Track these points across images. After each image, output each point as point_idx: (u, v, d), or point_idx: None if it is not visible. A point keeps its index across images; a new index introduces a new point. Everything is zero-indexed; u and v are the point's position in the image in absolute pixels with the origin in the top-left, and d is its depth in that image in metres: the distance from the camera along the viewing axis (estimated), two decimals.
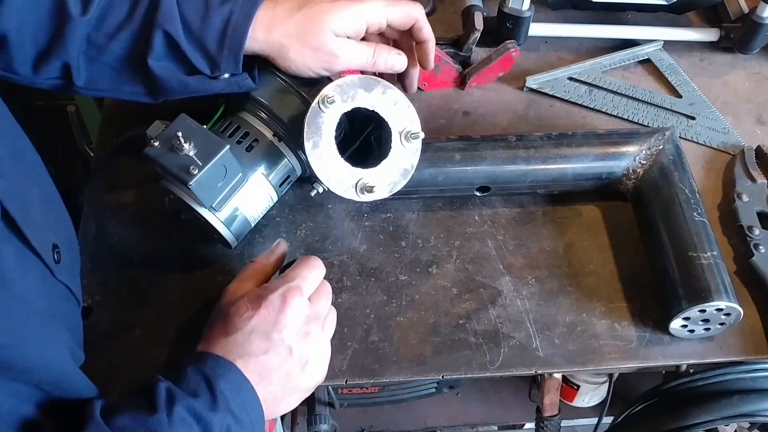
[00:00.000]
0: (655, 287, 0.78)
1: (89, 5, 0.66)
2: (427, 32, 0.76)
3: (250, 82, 0.71)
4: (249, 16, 0.68)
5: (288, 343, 0.62)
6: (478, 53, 0.96)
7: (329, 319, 0.68)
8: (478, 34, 0.93)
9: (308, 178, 0.79)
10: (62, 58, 0.67)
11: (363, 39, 0.75)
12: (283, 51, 0.70)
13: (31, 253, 0.58)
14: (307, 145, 0.70)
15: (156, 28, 0.66)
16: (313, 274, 0.67)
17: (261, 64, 0.72)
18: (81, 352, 0.64)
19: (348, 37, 0.72)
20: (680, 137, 0.92)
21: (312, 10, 0.69)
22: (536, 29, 0.99)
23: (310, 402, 1.11)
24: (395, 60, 0.75)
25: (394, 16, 0.73)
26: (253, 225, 0.76)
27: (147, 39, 0.67)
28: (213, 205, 0.70)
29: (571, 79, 0.98)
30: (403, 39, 0.79)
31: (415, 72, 0.82)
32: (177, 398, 0.56)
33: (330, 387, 1.12)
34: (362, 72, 0.75)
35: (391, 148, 0.73)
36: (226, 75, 0.70)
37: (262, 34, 0.69)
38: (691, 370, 0.78)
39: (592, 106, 0.96)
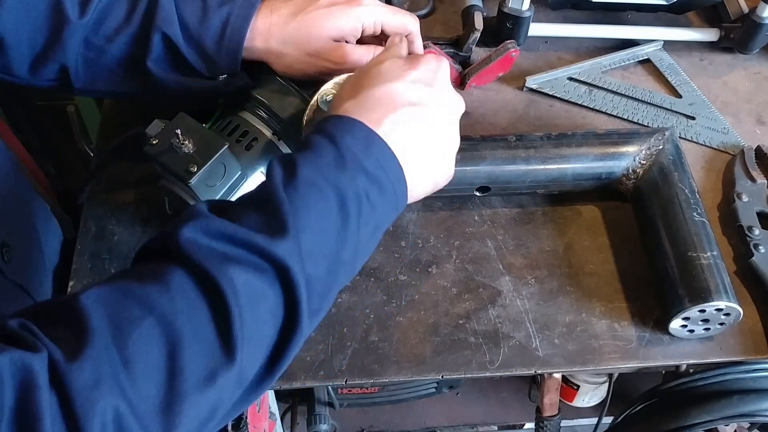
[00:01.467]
0: (655, 287, 0.78)
1: (87, 8, 0.66)
2: (417, 46, 0.76)
3: (248, 81, 0.72)
4: (247, 18, 0.68)
5: (445, 100, 0.61)
6: (478, 53, 0.96)
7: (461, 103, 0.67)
8: (478, 34, 0.93)
9: None
10: (60, 60, 0.67)
11: (359, 41, 0.75)
12: (281, 58, 0.70)
13: None
14: None
15: (154, 30, 0.66)
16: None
17: (260, 65, 0.73)
18: None
19: (346, 41, 0.72)
20: (680, 137, 0.92)
21: (308, 16, 0.69)
22: (536, 29, 0.99)
23: (310, 402, 1.11)
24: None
25: (389, 23, 0.73)
26: None
27: (145, 41, 0.67)
28: None
29: (571, 79, 0.98)
30: None
31: None
32: (297, 160, 0.51)
33: (330, 387, 1.12)
34: None
35: None
36: (224, 75, 0.70)
37: (260, 43, 0.69)
38: (691, 370, 0.78)
39: (592, 106, 0.96)
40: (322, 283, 0.50)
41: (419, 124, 0.58)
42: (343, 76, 0.70)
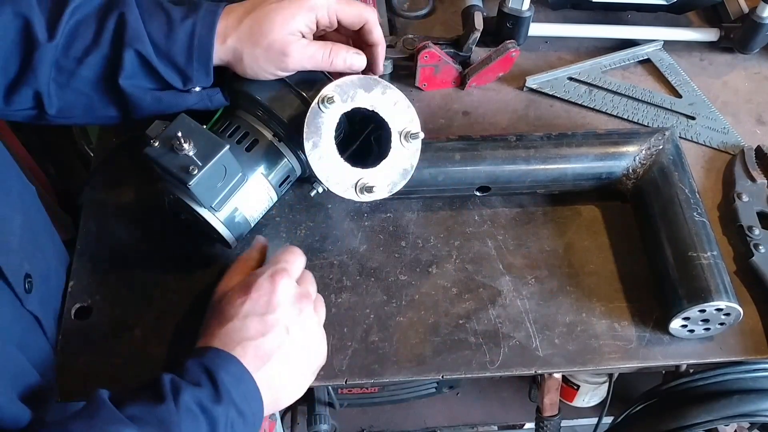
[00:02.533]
0: (655, 287, 0.79)
1: (56, 30, 0.66)
2: (377, 35, 0.75)
3: (221, 97, 0.73)
4: (211, 27, 0.69)
5: (284, 322, 0.63)
6: (478, 53, 0.96)
7: (318, 303, 0.70)
8: (478, 34, 0.93)
9: (308, 178, 0.79)
10: (33, 86, 0.67)
11: (321, 39, 0.74)
12: (237, 55, 0.70)
13: (1, 280, 0.60)
14: (307, 145, 0.70)
15: (126, 48, 0.67)
16: (295, 258, 0.69)
17: (232, 81, 0.73)
18: (46, 389, 0.64)
19: (302, 35, 0.71)
20: (680, 137, 0.92)
21: (260, 11, 0.70)
22: (536, 29, 0.99)
23: (310, 402, 1.11)
24: (354, 59, 0.74)
25: (344, 14, 0.72)
26: (252, 225, 0.76)
27: (117, 60, 0.68)
28: (213, 205, 0.70)
29: (571, 79, 0.98)
30: (357, 41, 0.77)
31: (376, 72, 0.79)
32: (181, 388, 0.57)
33: (330, 387, 1.12)
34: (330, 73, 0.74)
35: (390, 148, 0.73)
36: (198, 88, 0.71)
37: (218, 44, 0.69)
38: (691, 370, 0.78)
39: (592, 106, 0.96)
40: None
41: (273, 343, 0.63)
42: (344, 79, 0.70)
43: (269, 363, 0.62)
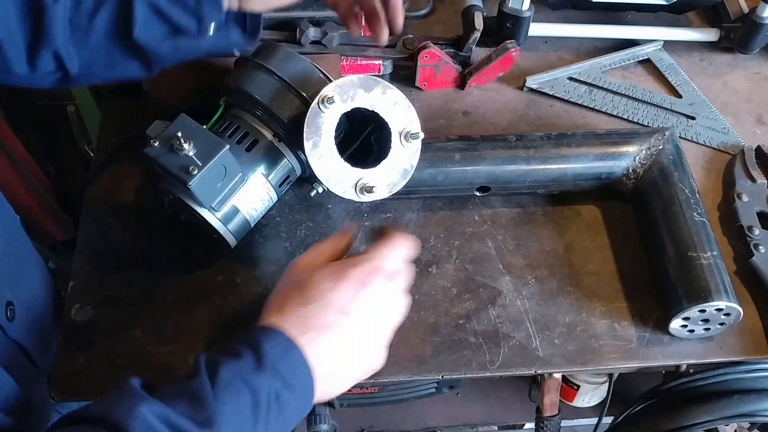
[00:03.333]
0: (655, 287, 0.79)
1: None
2: None
3: (239, 34, 0.71)
4: None
5: (360, 322, 0.61)
6: (478, 53, 0.96)
7: (401, 305, 0.66)
8: (478, 34, 0.93)
9: (308, 178, 0.79)
10: (51, 47, 0.67)
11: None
12: None
13: None
14: (307, 145, 0.70)
15: None
16: (394, 253, 0.64)
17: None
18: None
19: None
20: (680, 137, 0.92)
21: None
22: (536, 29, 0.99)
23: None
24: None
25: None
26: (252, 225, 0.76)
27: (128, 11, 0.67)
28: (212, 205, 0.70)
29: (571, 79, 0.98)
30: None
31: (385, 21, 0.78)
32: (219, 362, 0.54)
33: None
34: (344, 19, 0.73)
35: (390, 148, 0.73)
36: (213, 28, 0.69)
37: None
38: (691, 370, 0.78)
39: (592, 106, 0.96)
40: None
41: (341, 335, 0.60)
42: (344, 79, 0.70)
43: (330, 353, 0.59)
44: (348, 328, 0.60)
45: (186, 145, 0.65)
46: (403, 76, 0.96)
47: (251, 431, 0.54)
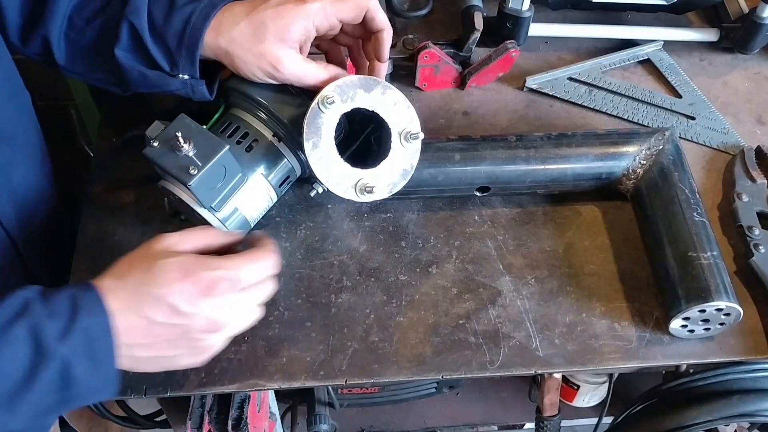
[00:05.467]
0: (655, 287, 0.79)
1: None
2: (380, 21, 0.72)
3: (205, 90, 0.72)
4: (207, 18, 0.69)
5: (193, 329, 0.59)
6: (478, 53, 0.96)
7: (244, 319, 0.64)
8: (478, 34, 0.93)
9: (308, 178, 0.79)
10: (42, 32, 0.70)
11: (319, 45, 0.76)
12: (228, 58, 0.70)
13: None
14: (307, 145, 0.70)
15: (124, 19, 0.68)
16: (252, 268, 0.62)
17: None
18: None
19: (300, 45, 0.70)
20: (680, 137, 0.92)
21: (258, 15, 0.68)
22: (536, 29, 0.99)
23: (310, 402, 1.11)
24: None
25: (342, 12, 0.70)
26: (252, 225, 0.76)
27: (116, 29, 0.69)
28: (212, 206, 0.70)
29: (571, 79, 0.98)
30: (365, 34, 0.76)
31: (382, 68, 0.77)
32: (27, 313, 0.53)
33: (330, 387, 1.12)
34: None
35: (390, 148, 0.73)
36: (185, 76, 0.71)
37: (211, 39, 0.69)
38: (691, 370, 0.78)
39: (592, 106, 0.96)
40: None
41: (163, 332, 0.58)
42: (344, 79, 0.70)
43: (148, 347, 0.58)
44: (172, 328, 0.58)
45: (186, 146, 0.65)
46: (403, 76, 0.96)
47: (22, 385, 0.53)
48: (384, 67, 0.76)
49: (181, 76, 0.71)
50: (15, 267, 0.74)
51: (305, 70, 0.70)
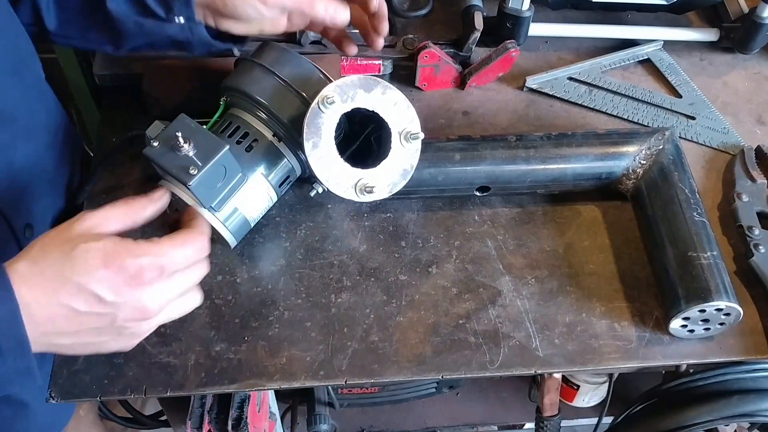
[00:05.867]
0: (655, 287, 0.79)
1: None
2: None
3: (204, 32, 0.72)
4: None
5: (117, 319, 0.56)
6: (478, 53, 0.96)
7: (177, 306, 0.61)
8: (478, 34, 0.93)
9: (308, 178, 0.79)
10: None
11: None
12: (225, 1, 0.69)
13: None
14: (307, 145, 0.70)
15: None
16: (184, 251, 0.59)
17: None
18: None
19: None
20: (680, 137, 0.92)
21: None
22: (536, 29, 0.99)
23: (310, 402, 1.11)
24: (335, 9, 0.73)
25: None
26: (252, 225, 0.76)
27: None
28: (212, 206, 0.70)
29: (571, 79, 0.98)
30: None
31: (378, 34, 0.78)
32: None
33: (330, 387, 1.12)
34: (311, 24, 0.74)
35: (390, 148, 0.73)
36: (181, 19, 0.70)
37: None
38: (691, 370, 0.78)
39: (592, 106, 0.96)
40: None
41: (84, 320, 0.55)
42: (344, 79, 0.70)
43: (66, 335, 0.55)
44: (98, 317, 0.55)
45: (186, 146, 0.65)
46: (403, 76, 0.96)
47: None
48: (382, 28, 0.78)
49: (177, 20, 0.70)
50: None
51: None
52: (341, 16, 0.74)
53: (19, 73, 0.70)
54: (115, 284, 0.54)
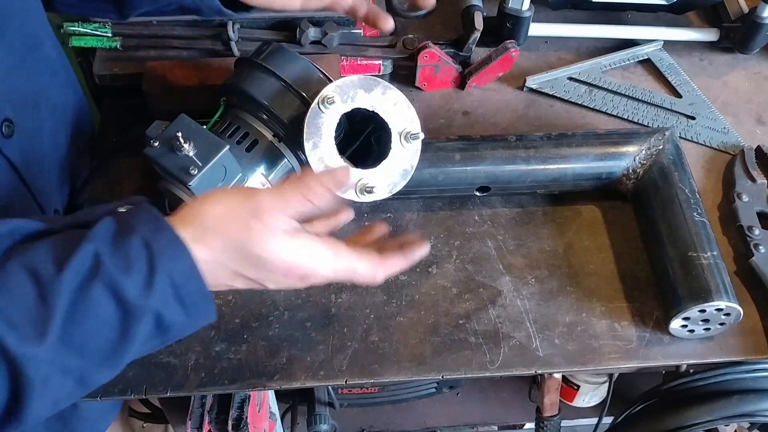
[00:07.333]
0: (655, 287, 0.79)
1: None
2: None
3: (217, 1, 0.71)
4: None
5: (271, 283, 0.56)
6: (478, 53, 0.96)
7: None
8: (478, 34, 0.93)
9: None
10: None
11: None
12: None
13: None
14: (307, 145, 0.70)
15: None
16: (364, 267, 0.60)
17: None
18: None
19: None
20: (680, 137, 0.92)
21: None
22: (536, 29, 0.99)
23: (310, 402, 1.11)
24: None
25: None
26: None
27: None
28: None
29: (571, 79, 0.98)
30: None
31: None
32: (100, 273, 0.48)
33: (330, 387, 1.12)
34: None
35: (390, 148, 0.73)
36: None
37: None
38: (691, 370, 0.78)
39: (592, 106, 0.96)
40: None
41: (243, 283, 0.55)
42: (344, 79, 0.70)
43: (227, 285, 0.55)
44: (254, 283, 0.55)
45: (186, 146, 0.65)
46: (403, 76, 0.96)
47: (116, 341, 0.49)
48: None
49: None
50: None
51: None
52: None
53: (34, 52, 0.68)
54: (284, 283, 0.56)
